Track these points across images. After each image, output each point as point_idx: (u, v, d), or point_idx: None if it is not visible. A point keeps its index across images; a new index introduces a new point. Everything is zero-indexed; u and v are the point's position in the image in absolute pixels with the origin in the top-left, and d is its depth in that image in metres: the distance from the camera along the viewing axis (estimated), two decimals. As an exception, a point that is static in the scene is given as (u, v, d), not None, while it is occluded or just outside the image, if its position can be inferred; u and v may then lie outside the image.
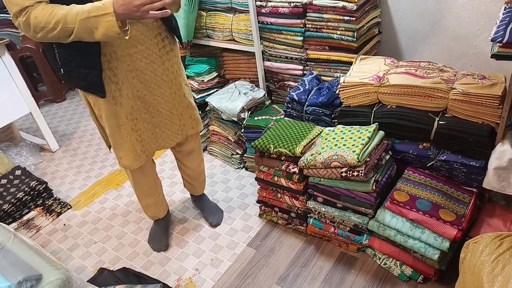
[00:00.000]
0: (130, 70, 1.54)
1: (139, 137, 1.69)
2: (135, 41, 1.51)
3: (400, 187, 1.71)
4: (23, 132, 3.37)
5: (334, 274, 1.82)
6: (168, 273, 1.96)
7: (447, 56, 2.16)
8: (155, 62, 1.60)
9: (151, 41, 1.56)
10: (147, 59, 1.57)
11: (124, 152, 1.70)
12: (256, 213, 2.22)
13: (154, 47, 1.58)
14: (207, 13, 2.58)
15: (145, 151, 1.74)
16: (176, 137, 1.82)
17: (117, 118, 1.62)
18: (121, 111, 1.60)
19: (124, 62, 1.52)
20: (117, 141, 1.68)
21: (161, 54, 1.62)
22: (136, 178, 1.89)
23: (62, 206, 2.48)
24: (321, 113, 2.04)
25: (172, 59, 1.67)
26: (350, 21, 2.00)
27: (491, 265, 1.20)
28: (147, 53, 1.56)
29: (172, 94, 1.72)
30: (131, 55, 1.52)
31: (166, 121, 1.75)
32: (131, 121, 1.64)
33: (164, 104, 1.71)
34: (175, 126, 1.79)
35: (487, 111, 1.57)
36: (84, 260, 2.11)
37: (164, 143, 1.80)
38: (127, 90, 1.58)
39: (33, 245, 1.59)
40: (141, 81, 1.59)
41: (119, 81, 1.55)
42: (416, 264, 1.69)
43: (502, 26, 1.38)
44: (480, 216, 1.68)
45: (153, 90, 1.64)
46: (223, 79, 2.78)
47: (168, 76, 1.68)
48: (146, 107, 1.66)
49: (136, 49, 1.52)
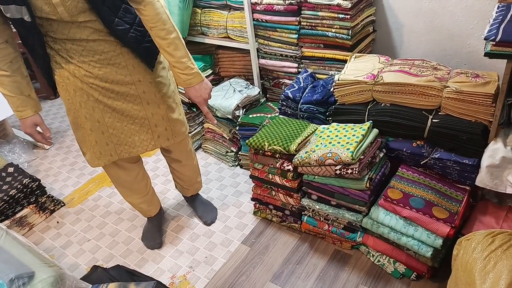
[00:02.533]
0: (88, 76, 1.52)
1: (98, 139, 1.65)
2: (92, 51, 1.49)
3: (394, 185, 1.72)
4: (16, 129, 3.34)
5: (328, 271, 1.83)
6: (162, 271, 1.96)
7: (441, 55, 2.17)
8: (119, 72, 1.55)
9: (113, 52, 1.52)
10: (106, 68, 1.53)
11: (85, 149, 1.70)
12: (251, 211, 2.22)
13: (118, 58, 1.53)
14: (202, 10, 2.57)
15: (107, 156, 1.69)
16: (148, 146, 1.74)
17: (75, 117, 1.61)
18: (80, 110, 1.59)
19: (82, 66, 1.50)
20: (77, 137, 1.69)
21: (128, 64, 1.57)
22: (113, 175, 1.85)
23: (56, 204, 2.46)
24: (316, 110, 2.04)
25: (145, 71, 1.61)
26: (345, 19, 2.00)
27: (483, 262, 1.21)
28: (107, 62, 1.52)
29: (144, 104, 1.65)
30: (87, 63, 1.50)
31: (133, 127, 1.67)
32: (90, 122, 1.61)
33: (133, 113, 1.65)
34: (146, 135, 1.71)
35: (480, 109, 1.58)
36: (78, 258, 2.10)
37: (132, 150, 1.71)
38: (86, 94, 1.56)
39: (25, 243, 1.58)
40: (102, 87, 1.56)
41: (77, 87, 1.54)
42: (409, 261, 1.70)
43: (495, 24, 1.39)
44: (473, 214, 1.69)
45: (116, 97, 1.59)
46: (218, 77, 2.77)
47: (139, 88, 1.62)
48: (109, 111, 1.61)
49: (93, 58, 1.50)
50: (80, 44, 1.47)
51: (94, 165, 1.72)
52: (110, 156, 1.70)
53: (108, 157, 1.70)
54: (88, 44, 1.47)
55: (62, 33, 1.43)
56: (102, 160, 1.70)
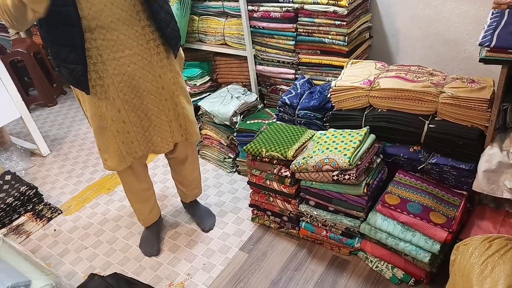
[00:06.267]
0: (116, 74, 1.54)
1: (125, 140, 1.68)
2: (123, 45, 1.51)
3: (391, 190, 1.72)
4: (13, 136, 3.34)
5: (326, 278, 1.82)
6: (160, 278, 1.95)
7: (437, 60, 2.19)
8: (145, 68, 1.60)
9: (141, 46, 1.56)
10: (135, 64, 1.56)
11: (109, 154, 1.69)
12: (249, 217, 2.22)
13: (144, 53, 1.57)
14: (199, 17, 2.58)
15: (132, 153, 1.73)
16: (168, 144, 1.80)
17: (102, 120, 1.61)
18: (107, 113, 1.60)
19: (110, 66, 1.52)
20: (101, 142, 1.68)
21: (153, 61, 1.61)
22: (127, 182, 1.88)
23: (53, 211, 2.45)
24: (313, 116, 2.05)
25: (165, 67, 1.67)
26: (341, 26, 2.01)
27: (481, 267, 1.21)
28: (136, 58, 1.56)
29: (163, 100, 1.70)
30: (117, 60, 1.52)
31: (156, 126, 1.74)
32: (117, 123, 1.63)
33: (154, 110, 1.70)
34: (165, 133, 1.77)
35: (476, 115, 1.59)
36: (75, 266, 2.09)
37: (154, 148, 1.78)
38: (113, 93, 1.57)
39: (22, 251, 1.57)
40: (128, 86, 1.59)
41: (105, 84, 1.55)
42: (408, 266, 1.70)
43: (489, 30, 1.40)
44: (470, 219, 1.69)
45: (141, 95, 1.64)
46: (216, 83, 2.78)
47: (159, 83, 1.67)
48: (134, 110, 1.65)
49: (123, 54, 1.52)
50: (111, 38, 1.47)
51: (118, 168, 1.73)
52: (135, 153, 1.73)
53: (133, 154, 1.73)
54: (119, 39, 1.48)
55: (98, 19, 1.42)
56: (129, 159, 1.72)
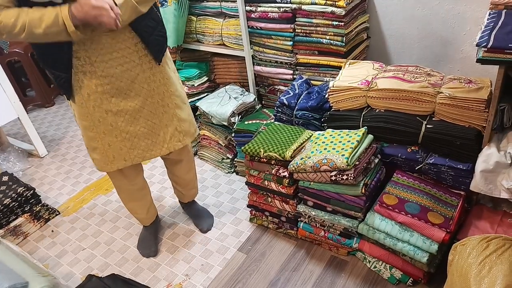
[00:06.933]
0: (104, 76, 1.53)
1: (112, 143, 1.66)
2: (111, 48, 1.50)
3: (389, 191, 1.73)
4: (11, 137, 3.33)
5: (324, 278, 1.82)
6: (158, 279, 1.95)
7: (434, 61, 2.19)
8: (133, 70, 1.58)
9: (129, 49, 1.54)
10: (122, 66, 1.55)
11: (96, 154, 1.69)
12: (247, 218, 2.22)
13: (132, 55, 1.55)
14: (197, 18, 2.58)
15: (121, 160, 1.69)
16: (161, 149, 1.75)
17: (89, 120, 1.61)
18: (94, 113, 1.59)
19: (98, 67, 1.51)
20: (89, 142, 1.68)
21: (142, 62, 1.59)
22: (117, 182, 1.86)
23: (50, 212, 2.44)
24: (311, 117, 2.05)
25: (154, 68, 1.64)
26: (339, 26, 2.02)
27: (478, 267, 1.21)
28: (123, 60, 1.54)
29: (155, 103, 1.68)
30: (105, 62, 1.51)
31: (146, 130, 1.69)
32: (104, 125, 1.62)
33: (144, 112, 1.66)
34: (158, 137, 1.73)
35: (474, 115, 1.60)
36: (72, 267, 2.09)
37: (145, 154, 1.73)
38: (100, 94, 1.56)
39: (19, 252, 1.57)
40: (116, 88, 1.57)
41: (93, 85, 1.54)
42: (406, 267, 1.70)
43: (486, 31, 1.41)
44: (468, 219, 1.69)
45: (129, 97, 1.61)
46: (214, 84, 2.78)
47: (150, 85, 1.64)
48: (122, 114, 1.62)
49: (111, 56, 1.51)
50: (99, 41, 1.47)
51: (105, 169, 1.72)
52: (124, 161, 1.71)
53: (122, 161, 1.70)
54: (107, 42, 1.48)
55: None
56: (115, 164, 1.70)
